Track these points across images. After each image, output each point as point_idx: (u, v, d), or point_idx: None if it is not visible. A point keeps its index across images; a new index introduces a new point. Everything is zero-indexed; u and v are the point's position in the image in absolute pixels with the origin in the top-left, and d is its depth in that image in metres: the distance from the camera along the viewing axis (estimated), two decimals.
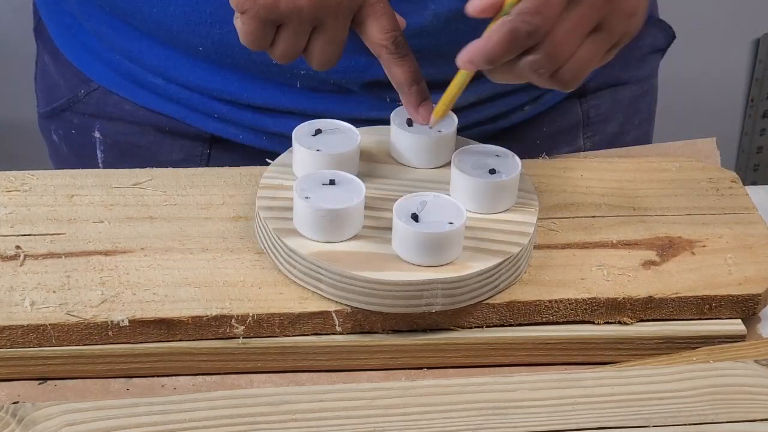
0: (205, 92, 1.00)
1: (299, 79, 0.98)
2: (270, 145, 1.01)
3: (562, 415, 0.79)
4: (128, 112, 1.04)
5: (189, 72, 0.99)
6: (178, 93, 1.01)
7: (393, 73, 0.89)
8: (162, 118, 1.03)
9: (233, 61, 0.97)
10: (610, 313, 0.87)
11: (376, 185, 0.90)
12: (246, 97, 0.99)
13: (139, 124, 1.04)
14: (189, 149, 1.04)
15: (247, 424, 0.77)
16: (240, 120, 1.01)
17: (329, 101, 0.99)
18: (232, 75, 0.99)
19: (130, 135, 1.05)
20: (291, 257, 0.85)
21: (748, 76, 2.15)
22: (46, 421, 0.76)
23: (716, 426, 0.79)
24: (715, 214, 0.95)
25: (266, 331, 0.84)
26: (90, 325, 0.82)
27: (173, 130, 1.03)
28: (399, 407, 0.79)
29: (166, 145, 1.04)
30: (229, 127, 1.02)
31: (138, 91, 1.03)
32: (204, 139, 1.03)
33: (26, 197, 0.92)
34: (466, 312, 0.85)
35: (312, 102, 0.99)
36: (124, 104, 1.04)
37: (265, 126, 1.01)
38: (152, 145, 1.04)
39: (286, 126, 0.98)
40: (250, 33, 0.86)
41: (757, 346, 0.87)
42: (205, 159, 1.04)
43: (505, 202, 0.89)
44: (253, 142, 1.02)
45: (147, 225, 0.90)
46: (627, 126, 1.11)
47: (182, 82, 1.00)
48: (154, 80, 1.01)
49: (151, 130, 1.04)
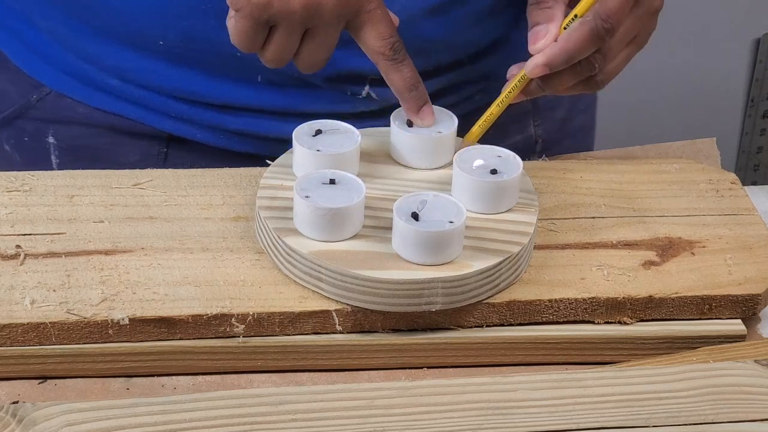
0: (163, 91, 0.99)
1: (261, 73, 0.97)
2: (229, 144, 1.01)
3: (562, 415, 0.79)
4: (83, 114, 1.03)
5: (147, 71, 0.99)
6: (134, 93, 1.00)
7: (391, 79, 0.89)
8: (118, 119, 1.02)
9: (197, 54, 0.96)
10: (610, 313, 0.87)
11: (376, 185, 0.90)
12: (205, 94, 0.99)
13: (95, 126, 1.03)
14: (146, 149, 1.03)
15: (247, 424, 0.77)
16: (198, 118, 1.00)
17: (291, 96, 0.98)
18: (192, 72, 0.98)
19: (86, 138, 1.03)
20: (291, 256, 0.85)
21: (748, 76, 2.15)
22: (46, 421, 0.76)
23: (716, 426, 0.79)
24: (715, 215, 0.95)
25: (266, 330, 0.84)
26: (90, 323, 0.82)
27: (129, 131, 1.02)
28: (399, 407, 0.79)
29: (123, 146, 1.03)
30: (186, 126, 1.01)
31: (93, 93, 1.02)
32: (161, 138, 1.02)
33: (27, 197, 0.92)
34: (466, 311, 0.86)
35: (273, 98, 0.98)
36: (78, 107, 1.03)
37: (224, 124, 1.00)
38: (108, 146, 1.03)
39: (245, 124, 0.99)
40: (242, 32, 0.85)
41: (757, 346, 0.87)
42: (162, 158, 1.03)
43: (507, 203, 0.89)
44: (211, 140, 1.01)
45: (147, 225, 0.90)
46: (573, 111, 1.13)
47: (140, 81, 0.99)
48: (111, 81, 1.00)
49: (107, 131, 1.03)
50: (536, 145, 1.09)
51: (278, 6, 0.84)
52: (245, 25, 0.85)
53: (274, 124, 0.99)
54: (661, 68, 2.09)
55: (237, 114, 0.99)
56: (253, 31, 0.85)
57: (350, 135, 0.92)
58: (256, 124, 0.99)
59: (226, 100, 0.99)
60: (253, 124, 0.99)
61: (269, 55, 0.87)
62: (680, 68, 2.10)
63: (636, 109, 2.12)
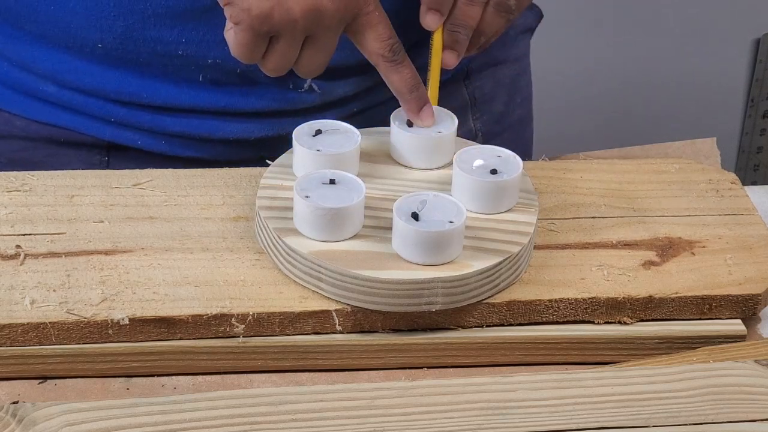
0: (101, 95, 0.99)
1: (203, 72, 0.97)
2: (170, 149, 1.00)
3: (562, 415, 0.79)
4: (20, 128, 1.02)
5: (85, 74, 0.98)
6: (72, 99, 0.99)
7: (391, 80, 0.89)
8: (56, 130, 1.01)
9: (135, 56, 0.96)
10: (610, 313, 0.87)
11: (376, 185, 0.90)
12: (144, 96, 0.98)
13: (33, 139, 1.02)
14: (86, 158, 1.02)
15: (247, 424, 0.77)
16: (138, 122, 1.00)
17: (231, 95, 0.98)
18: (130, 74, 0.97)
19: (24, 151, 1.02)
20: (291, 256, 0.85)
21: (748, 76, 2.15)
22: (46, 421, 0.76)
23: (716, 426, 0.79)
24: (715, 215, 0.95)
25: (266, 330, 0.84)
26: (90, 323, 0.82)
27: (68, 141, 1.01)
28: (399, 407, 0.79)
29: (62, 156, 1.02)
30: (126, 132, 1.00)
31: (29, 102, 1.01)
32: (101, 146, 1.02)
33: (27, 197, 0.92)
34: (466, 311, 0.86)
35: (213, 97, 0.98)
36: (15, 120, 1.02)
37: (165, 126, 1.00)
38: (48, 158, 1.02)
39: (186, 125, 0.98)
40: (242, 45, 0.85)
41: (757, 346, 0.87)
42: (104, 167, 1.02)
43: (507, 203, 0.89)
44: (151, 146, 1.01)
45: (147, 225, 0.90)
46: (510, 105, 1.14)
47: (77, 86, 0.99)
48: (47, 88, 0.99)
49: (46, 143, 1.02)
50: (476, 138, 1.09)
51: (279, 17, 0.83)
52: (245, 38, 0.84)
53: (214, 125, 0.99)
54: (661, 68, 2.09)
55: (176, 115, 0.99)
56: (253, 43, 0.85)
57: (350, 135, 0.92)
58: (196, 125, 0.99)
59: (164, 101, 0.98)
60: (193, 125, 0.98)
61: (270, 65, 0.87)
62: (680, 68, 2.10)
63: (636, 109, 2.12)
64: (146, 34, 0.94)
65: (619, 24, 2.02)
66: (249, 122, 0.99)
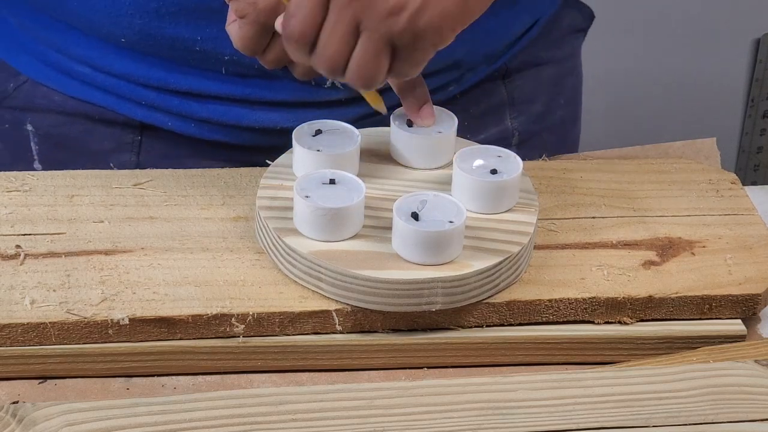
0: (132, 80, 1.00)
1: (224, 66, 0.97)
2: (199, 132, 1.01)
3: (562, 415, 0.79)
4: (57, 103, 1.03)
5: (114, 61, 0.99)
6: (105, 81, 1.01)
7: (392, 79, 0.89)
8: (91, 108, 1.02)
9: (156, 50, 0.97)
10: (610, 313, 0.87)
11: (376, 185, 0.90)
12: (172, 83, 0.99)
13: (69, 114, 1.03)
14: (120, 137, 1.03)
15: (247, 424, 0.77)
16: (168, 106, 1.01)
17: (255, 86, 0.99)
18: (157, 63, 0.98)
19: (62, 126, 1.04)
20: (291, 256, 0.85)
21: (748, 76, 2.15)
22: (46, 421, 0.76)
23: (716, 426, 0.79)
24: (715, 215, 0.95)
25: (266, 330, 0.84)
26: (90, 323, 0.82)
27: (103, 119, 1.03)
28: (399, 407, 0.79)
29: (98, 134, 1.03)
30: (157, 114, 1.01)
31: (66, 81, 1.02)
32: (134, 126, 1.03)
33: (26, 197, 0.92)
34: (466, 311, 0.86)
35: (238, 87, 0.99)
36: (53, 95, 1.03)
37: (193, 112, 1.00)
38: (83, 134, 1.04)
39: (213, 112, 0.99)
40: (246, 38, 0.86)
41: (757, 346, 0.87)
42: (137, 147, 1.03)
43: (507, 203, 0.89)
44: (181, 128, 1.02)
45: (147, 225, 0.90)
46: (552, 105, 1.12)
47: (109, 70, 1.00)
48: (82, 69, 1.01)
49: (82, 119, 1.03)
50: (513, 138, 1.09)
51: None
52: (250, 31, 0.85)
53: (241, 112, 1.00)
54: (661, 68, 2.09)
55: (203, 102, 0.99)
56: (258, 36, 0.86)
57: (350, 135, 0.92)
58: (223, 111, 0.99)
59: (191, 88, 0.99)
60: (220, 112, 0.99)
61: (270, 58, 0.88)
62: (680, 68, 2.10)
63: (636, 109, 2.12)
64: (163, 31, 0.95)
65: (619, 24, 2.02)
66: (275, 112, 1.00)
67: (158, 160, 1.02)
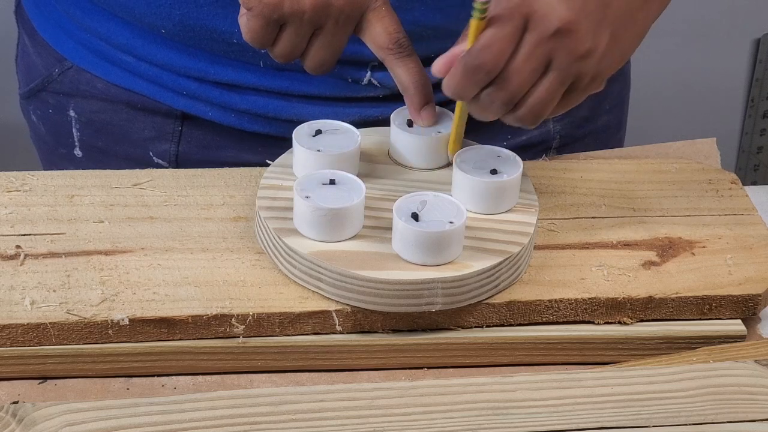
0: (173, 70, 1.01)
1: (262, 59, 0.98)
2: (239, 123, 1.02)
3: (562, 415, 0.79)
4: (101, 90, 1.05)
5: (156, 51, 1.00)
6: (147, 70, 1.02)
7: (397, 74, 0.89)
8: (133, 96, 1.04)
9: (196, 41, 0.98)
10: (610, 313, 0.87)
11: (376, 185, 0.90)
12: (212, 74, 1.00)
13: (112, 101, 1.05)
14: (161, 126, 1.04)
15: (247, 424, 0.77)
16: (208, 97, 1.02)
17: (294, 80, 0.99)
18: (197, 54, 0.99)
19: (104, 113, 1.05)
20: (291, 257, 0.85)
21: (748, 76, 2.15)
22: (46, 421, 0.76)
23: (716, 426, 0.79)
24: (715, 215, 0.95)
25: (266, 331, 0.84)
26: (90, 323, 0.82)
27: (145, 107, 1.04)
28: (399, 407, 0.79)
29: (139, 122, 1.05)
30: (198, 104, 1.02)
31: (109, 68, 1.04)
32: (175, 116, 1.04)
33: (26, 197, 0.92)
34: (466, 312, 0.86)
35: (277, 80, 0.99)
36: (96, 82, 1.05)
37: (233, 103, 1.01)
38: (125, 122, 1.05)
39: (253, 103, 1.00)
40: (253, 30, 0.87)
41: (757, 346, 0.87)
42: (177, 136, 1.04)
43: (507, 203, 0.89)
44: (221, 119, 1.02)
45: (147, 225, 0.90)
46: (597, 111, 1.12)
47: (150, 60, 1.01)
48: (124, 58, 1.02)
49: (124, 107, 1.04)
50: (554, 141, 1.09)
51: (289, 6, 0.85)
52: (256, 24, 0.86)
53: (280, 105, 1.00)
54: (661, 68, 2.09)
55: (243, 93, 1.00)
56: (264, 29, 0.87)
57: (350, 135, 0.92)
58: (263, 104, 1.00)
59: (230, 79, 1.00)
60: (260, 104, 1.00)
61: (278, 51, 0.89)
62: (680, 68, 2.10)
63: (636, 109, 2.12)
64: (201, 23, 0.96)
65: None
66: (314, 105, 1.00)
67: (197, 150, 1.03)
